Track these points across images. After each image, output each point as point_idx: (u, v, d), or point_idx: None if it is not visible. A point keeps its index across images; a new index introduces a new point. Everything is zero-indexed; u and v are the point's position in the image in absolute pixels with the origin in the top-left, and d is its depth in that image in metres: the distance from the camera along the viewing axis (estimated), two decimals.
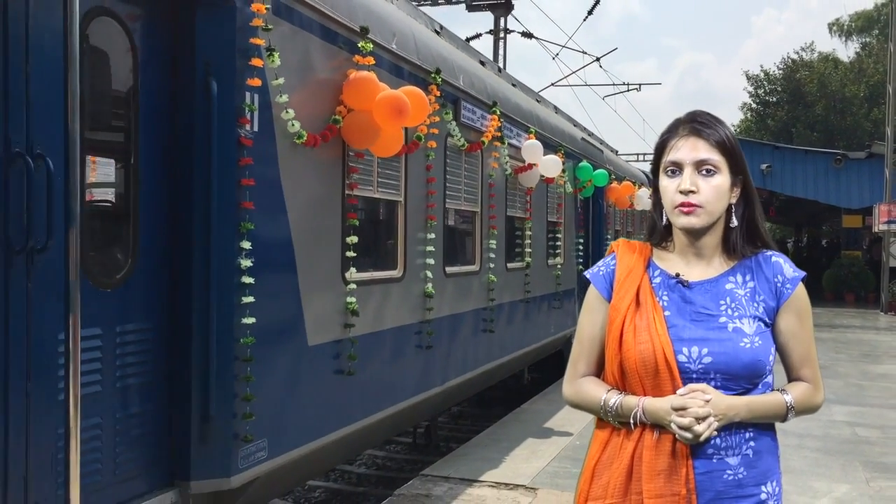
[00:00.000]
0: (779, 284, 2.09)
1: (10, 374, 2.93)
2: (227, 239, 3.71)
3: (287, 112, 4.04)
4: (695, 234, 2.07)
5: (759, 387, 2.02)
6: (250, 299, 3.80)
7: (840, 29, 37.75)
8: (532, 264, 8.31)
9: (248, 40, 3.77)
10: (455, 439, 8.23)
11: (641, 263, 2.15)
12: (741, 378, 1.98)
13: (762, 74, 37.93)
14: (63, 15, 2.95)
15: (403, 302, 5.48)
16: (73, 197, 2.94)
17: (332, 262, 4.59)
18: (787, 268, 2.11)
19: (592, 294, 2.18)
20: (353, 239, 4.69)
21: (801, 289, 2.10)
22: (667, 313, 2.04)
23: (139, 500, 3.52)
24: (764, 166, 22.77)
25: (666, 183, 2.06)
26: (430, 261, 5.79)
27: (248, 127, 3.79)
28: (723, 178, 2.03)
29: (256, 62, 3.79)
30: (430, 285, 5.78)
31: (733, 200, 2.08)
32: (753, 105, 38.50)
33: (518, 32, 25.68)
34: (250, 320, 3.80)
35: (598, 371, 2.16)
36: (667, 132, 2.11)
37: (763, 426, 2.04)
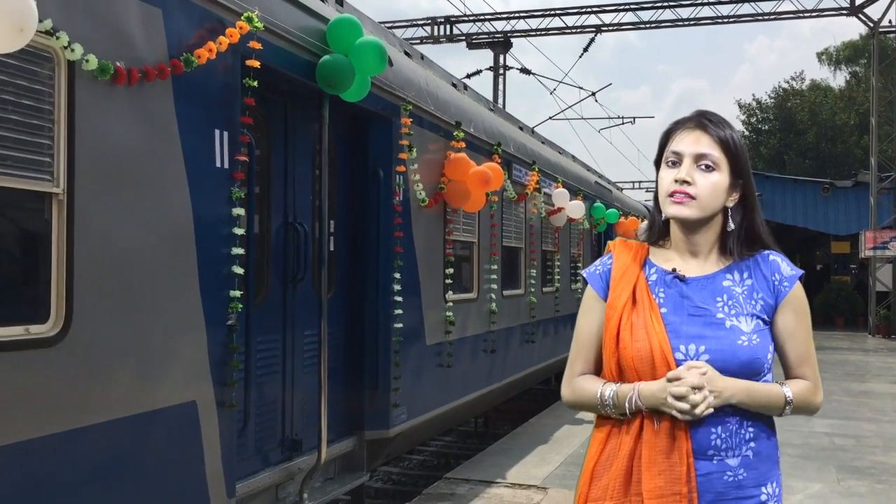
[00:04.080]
0: (776, 283, 2.17)
1: (286, 353, 5.21)
2: (387, 271, 6.02)
3: (417, 185, 6.39)
4: (688, 228, 2.17)
5: None
6: (399, 311, 6.09)
7: (829, 58, 40.78)
8: (560, 289, 10.71)
9: (398, 142, 6.11)
10: (464, 456, 9.00)
11: (638, 261, 2.24)
12: (739, 376, 2.06)
13: (754, 103, 40.84)
14: (318, 140, 5.27)
15: (478, 316, 7.82)
16: (325, 247, 5.26)
17: (438, 287, 6.90)
18: (785, 266, 2.20)
19: (589, 293, 2.28)
20: (450, 270, 7.03)
21: (798, 287, 2.19)
22: (663, 310, 2.13)
23: (336, 442, 5.76)
24: None
25: (664, 173, 2.16)
26: (494, 286, 8.15)
27: (397, 198, 6.12)
28: (720, 177, 2.11)
29: (403, 155, 6.14)
30: (494, 304, 8.14)
31: (730, 204, 2.16)
32: (746, 133, 41.30)
33: (517, 69, 28.34)
34: (399, 325, 6.09)
35: (596, 370, 2.26)
36: (673, 125, 2.21)
37: (763, 427, 2.12)
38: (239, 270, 4.28)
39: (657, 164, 2.23)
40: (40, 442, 3.15)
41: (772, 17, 24.38)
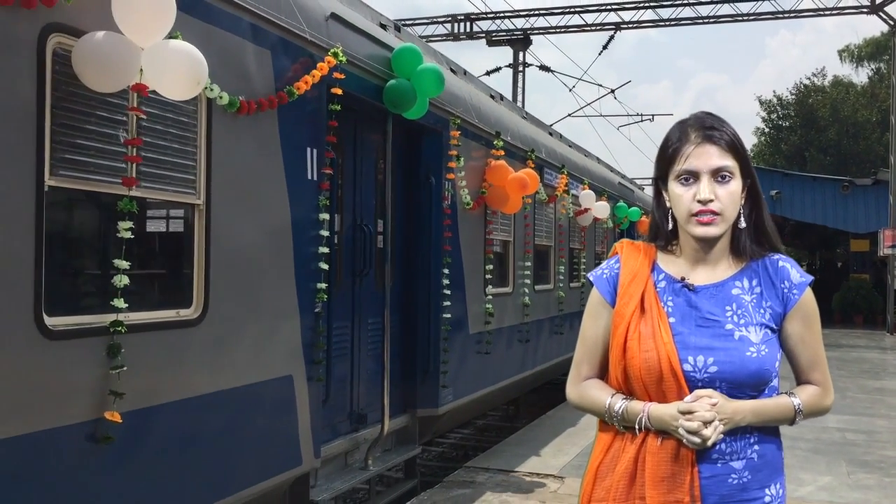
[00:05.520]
0: (785, 290, 2.19)
1: (353, 338, 6.12)
2: (437, 267, 6.92)
3: (463, 190, 7.29)
4: (708, 242, 2.18)
5: (766, 392, 2.14)
6: (448, 303, 6.99)
7: (850, 55, 41.39)
8: (585, 284, 11.61)
9: (448, 152, 7.01)
10: (482, 449, 9.03)
11: (646, 267, 2.25)
12: (747, 386, 2.10)
13: (775, 99, 41.53)
14: (379, 151, 6.18)
15: (513, 309, 8.73)
16: (387, 245, 6.17)
17: (479, 281, 7.81)
18: (794, 273, 2.21)
19: (595, 297, 2.30)
20: (490, 266, 7.93)
21: (808, 294, 2.20)
22: (672, 320, 2.15)
23: (393, 417, 6.65)
24: (774, 192, 25.71)
25: (680, 191, 2.15)
26: (527, 281, 9.06)
27: (446, 202, 7.02)
28: (736, 183, 2.15)
29: (452, 164, 7.04)
30: (527, 298, 9.05)
31: (741, 202, 2.19)
32: (767, 129, 42.02)
33: (536, 66, 29.13)
34: (447, 315, 6.99)
35: (602, 373, 2.29)
36: (676, 140, 2.20)
37: (767, 430, 2.15)
38: (324, 266, 5.20)
39: (661, 177, 2.25)
40: (189, 402, 4.06)
41: (791, 14, 24.96)
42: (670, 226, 2.23)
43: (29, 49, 3.23)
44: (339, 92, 5.22)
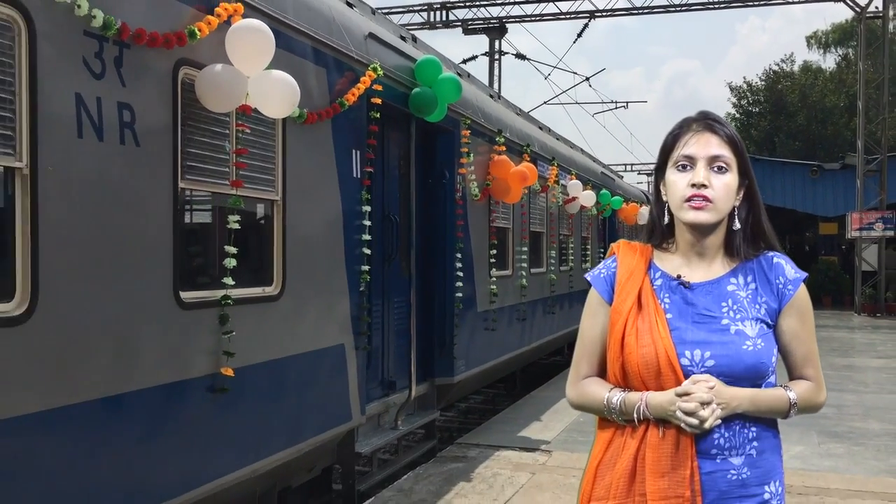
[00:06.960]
0: (780, 286, 2.26)
1: (384, 315, 7.14)
2: (452, 252, 7.96)
3: (472, 183, 8.33)
4: (700, 232, 2.24)
5: (762, 387, 2.21)
6: (460, 284, 8.04)
7: (818, 41, 42.93)
8: (573, 268, 12.75)
9: (459, 149, 8.04)
10: (466, 430, 9.35)
11: (643, 265, 2.33)
12: (744, 380, 2.16)
13: (745, 85, 42.95)
14: (402, 150, 7.19)
15: (512, 290, 9.82)
16: (413, 234, 7.20)
17: (484, 265, 8.87)
18: (789, 269, 2.29)
19: (593, 297, 2.38)
20: (494, 251, 8.99)
21: (802, 290, 2.28)
22: (669, 315, 2.22)
23: (417, 385, 7.70)
24: None
25: (676, 177, 2.23)
26: (524, 264, 10.14)
27: (458, 193, 8.05)
28: (732, 177, 2.21)
29: (463, 160, 8.07)
30: (524, 280, 10.13)
31: (736, 203, 2.26)
32: (737, 115, 43.44)
33: (512, 54, 30.14)
34: (459, 295, 8.04)
35: (601, 372, 2.36)
36: (678, 128, 2.29)
37: (766, 426, 2.22)
38: (367, 251, 6.21)
39: (660, 168, 2.31)
40: (274, 363, 5.07)
41: (761, 2, 26.22)
42: (667, 219, 2.32)
43: (167, 79, 4.21)
44: (379, 101, 6.22)
